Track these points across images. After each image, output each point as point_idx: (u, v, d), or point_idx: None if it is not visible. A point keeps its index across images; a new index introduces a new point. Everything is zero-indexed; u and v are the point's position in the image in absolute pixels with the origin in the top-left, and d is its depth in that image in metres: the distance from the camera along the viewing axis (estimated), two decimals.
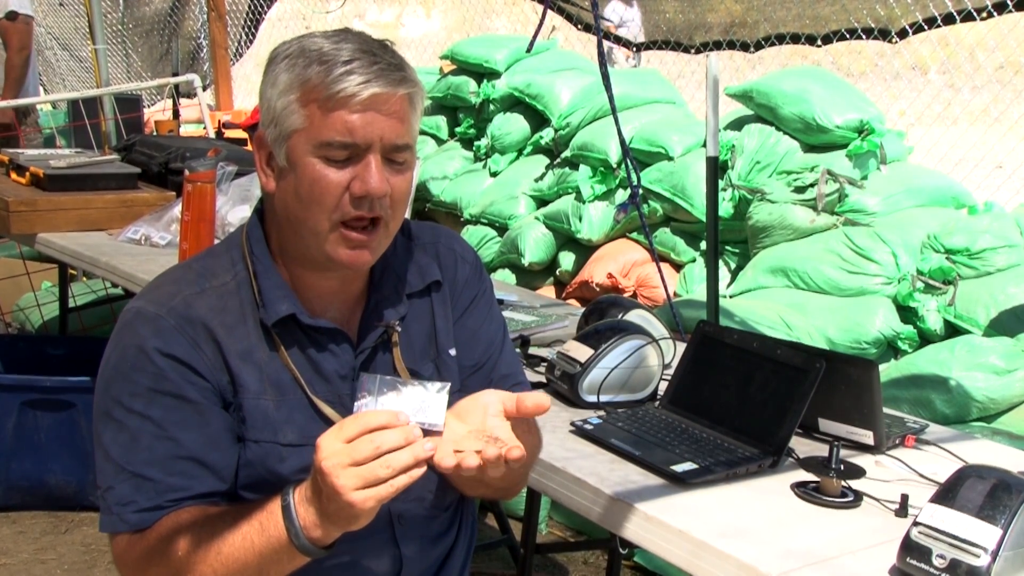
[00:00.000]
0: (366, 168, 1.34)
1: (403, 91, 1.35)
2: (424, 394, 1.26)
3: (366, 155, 1.34)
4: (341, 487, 1.16)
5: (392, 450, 1.17)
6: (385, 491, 1.17)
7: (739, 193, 3.99)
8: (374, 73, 1.32)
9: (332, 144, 1.33)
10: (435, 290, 1.55)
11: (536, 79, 4.94)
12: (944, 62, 6.94)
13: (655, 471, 1.69)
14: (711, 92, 2.75)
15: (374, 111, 1.32)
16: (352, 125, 1.32)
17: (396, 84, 1.34)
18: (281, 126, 1.36)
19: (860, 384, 1.82)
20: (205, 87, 7.10)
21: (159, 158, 3.85)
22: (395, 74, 1.34)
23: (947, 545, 1.34)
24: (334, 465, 1.17)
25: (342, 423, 1.20)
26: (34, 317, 5.09)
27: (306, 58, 1.34)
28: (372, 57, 1.33)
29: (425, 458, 1.19)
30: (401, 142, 1.36)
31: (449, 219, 5.14)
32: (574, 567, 3.39)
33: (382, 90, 1.32)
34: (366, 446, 1.17)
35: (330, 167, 1.34)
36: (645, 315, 2.28)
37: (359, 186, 1.34)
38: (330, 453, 1.18)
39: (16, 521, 3.61)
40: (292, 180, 1.37)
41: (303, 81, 1.33)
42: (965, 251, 3.45)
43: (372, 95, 1.32)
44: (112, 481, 1.36)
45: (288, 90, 1.34)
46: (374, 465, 1.16)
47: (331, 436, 1.19)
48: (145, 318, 1.38)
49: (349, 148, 1.33)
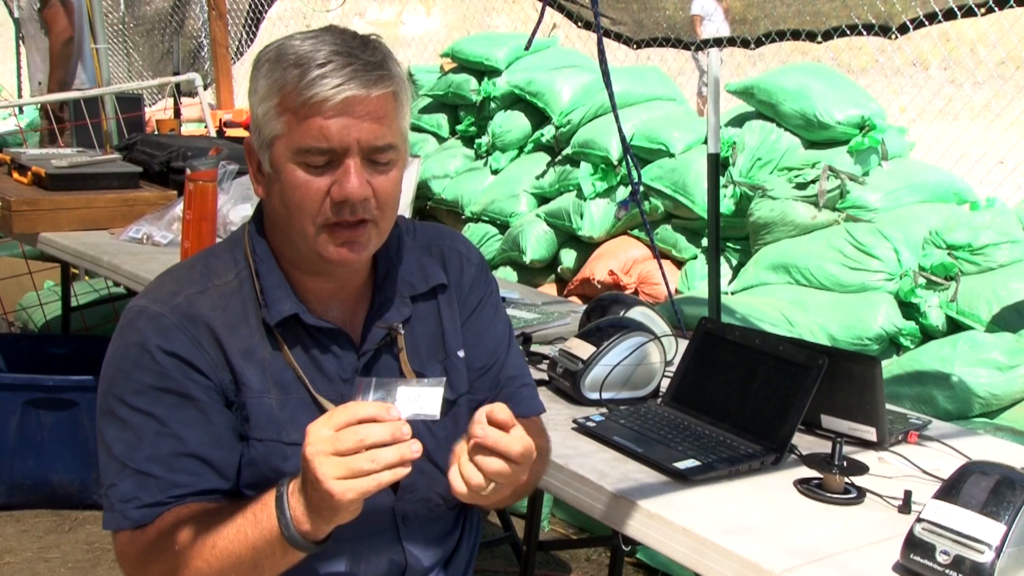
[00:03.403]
0: (345, 173, 1.32)
1: (379, 91, 1.32)
2: (419, 389, 1.25)
3: (344, 159, 1.32)
4: (322, 475, 1.16)
5: (377, 444, 1.17)
6: (368, 484, 1.17)
7: (740, 190, 4.00)
8: (347, 75, 1.30)
9: (310, 150, 1.32)
10: (441, 292, 1.55)
11: (537, 77, 4.94)
12: (945, 58, 6.93)
13: (658, 468, 1.69)
14: (712, 89, 2.75)
15: (348, 115, 1.30)
16: (327, 130, 1.30)
17: (371, 85, 1.31)
18: (263, 133, 1.36)
19: (862, 380, 1.81)
20: (206, 86, 7.09)
21: (160, 157, 3.85)
22: (371, 74, 1.31)
23: (951, 541, 1.34)
24: (316, 452, 1.17)
25: (332, 412, 1.21)
26: (36, 316, 5.10)
27: (283, 62, 1.32)
28: (347, 59, 1.31)
29: (412, 458, 1.18)
30: (381, 143, 1.34)
31: (450, 217, 5.15)
32: (577, 564, 3.39)
33: (356, 92, 1.30)
34: (350, 436, 1.17)
35: (310, 173, 1.33)
36: (647, 312, 2.28)
37: (338, 191, 1.33)
38: (315, 440, 1.18)
39: (20, 520, 3.62)
40: (278, 187, 1.37)
41: (280, 87, 1.32)
42: (967, 247, 3.45)
43: (345, 99, 1.30)
44: (115, 478, 1.36)
45: (267, 96, 1.34)
46: (359, 457, 1.16)
47: (319, 424, 1.19)
48: (147, 316, 1.38)
49: (327, 153, 1.32)
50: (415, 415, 1.23)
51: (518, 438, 1.23)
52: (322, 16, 9.01)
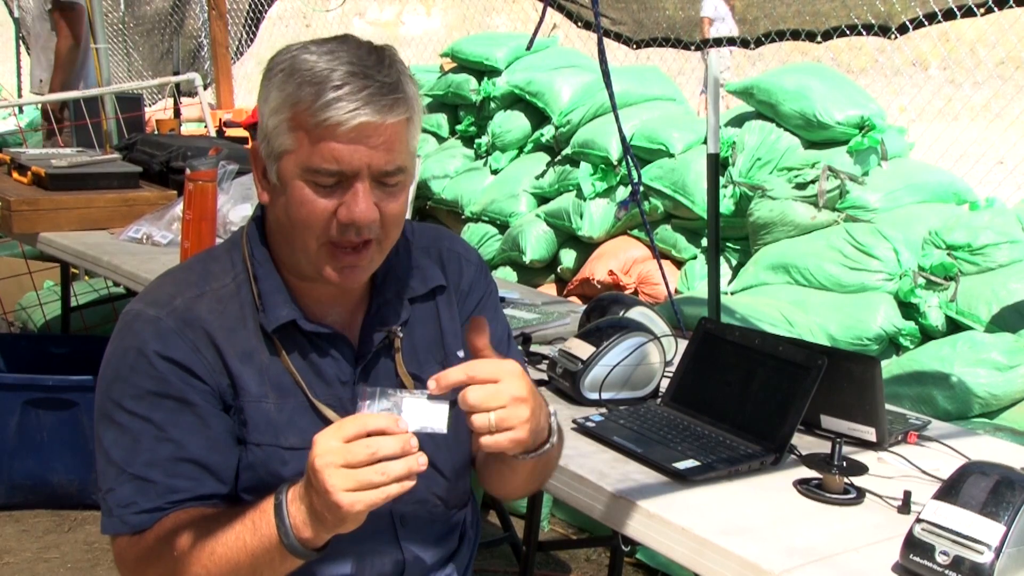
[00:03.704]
0: (353, 196, 1.32)
1: (393, 119, 1.30)
2: (425, 403, 1.25)
3: (353, 183, 1.32)
4: (331, 486, 1.16)
5: (388, 457, 1.17)
6: (376, 497, 1.16)
7: (740, 190, 3.99)
8: (363, 100, 1.28)
9: (319, 171, 1.31)
10: (440, 294, 1.54)
11: (537, 77, 4.94)
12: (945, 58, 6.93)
13: (657, 468, 1.69)
14: (711, 89, 2.75)
15: (361, 142, 1.29)
16: (339, 154, 1.29)
17: (386, 111, 1.30)
18: (272, 145, 1.35)
19: (862, 381, 1.82)
20: (206, 86, 7.09)
21: (160, 157, 3.85)
22: (386, 98, 1.30)
23: (950, 542, 1.34)
24: (327, 464, 1.16)
25: (341, 422, 1.20)
26: (36, 316, 5.10)
27: (298, 77, 1.31)
28: (363, 80, 1.29)
29: (419, 471, 1.18)
30: (391, 167, 1.33)
31: (450, 217, 5.14)
32: (576, 564, 3.39)
33: (370, 119, 1.28)
34: (361, 449, 1.16)
35: (318, 192, 1.32)
36: (646, 312, 2.28)
37: (345, 213, 1.32)
38: (324, 451, 1.17)
39: (19, 520, 3.62)
40: (283, 200, 1.36)
41: (294, 103, 1.31)
42: (966, 247, 3.45)
43: (360, 124, 1.28)
44: (113, 483, 1.36)
45: (279, 110, 1.32)
46: (368, 470, 1.16)
47: (328, 434, 1.19)
48: (145, 320, 1.38)
49: (336, 175, 1.31)
50: (422, 428, 1.23)
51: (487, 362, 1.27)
52: (322, 16, 9.00)
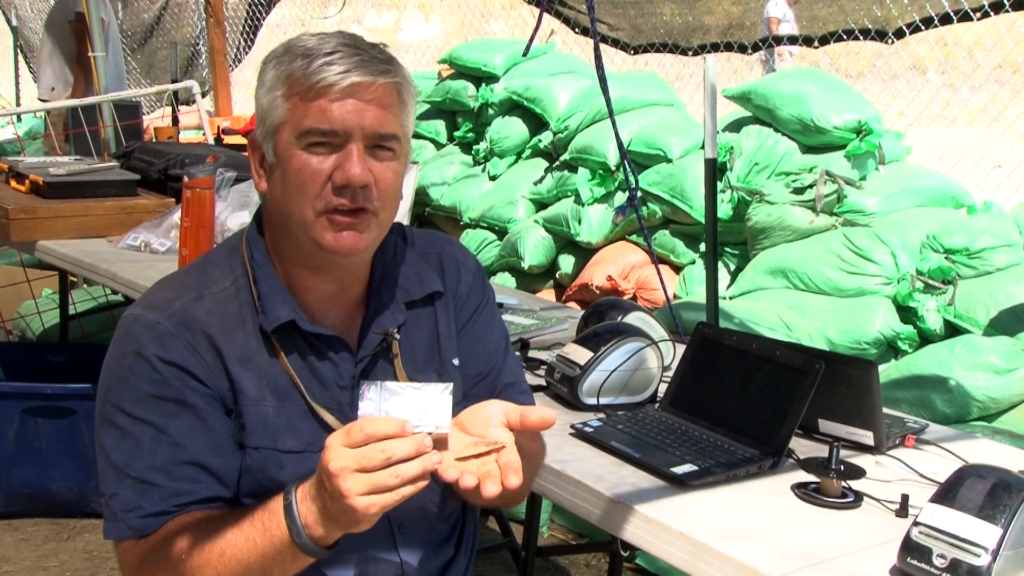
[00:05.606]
0: (347, 157, 1.34)
1: (384, 80, 1.35)
2: (427, 397, 1.25)
3: (347, 144, 1.35)
4: (347, 490, 1.16)
5: (403, 460, 1.17)
6: (391, 499, 1.17)
7: (738, 195, 4.00)
8: (354, 63, 1.33)
9: (312, 132, 1.34)
10: (437, 299, 1.55)
11: (534, 83, 4.94)
12: (942, 62, 6.94)
13: (655, 473, 1.69)
14: (709, 94, 2.76)
15: (354, 99, 1.33)
16: (331, 113, 1.33)
17: (377, 74, 1.35)
18: (267, 121, 1.38)
19: (860, 384, 1.82)
20: (204, 93, 7.11)
21: (158, 165, 3.85)
22: (378, 65, 1.35)
23: (947, 545, 1.34)
24: (342, 468, 1.17)
25: (350, 427, 1.20)
26: (35, 324, 5.09)
27: (291, 55, 1.36)
28: (355, 50, 1.35)
29: (433, 470, 1.19)
30: (385, 131, 1.36)
31: (448, 223, 5.15)
32: (576, 570, 3.39)
33: (362, 78, 1.33)
34: (377, 454, 1.17)
35: (312, 156, 1.35)
36: (644, 317, 2.28)
37: (340, 175, 1.34)
38: (338, 455, 1.18)
39: (18, 528, 3.61)
40: (279, 174, 1.38)
41: (287, 76, 1.35)
42: (964, 251, 3.45)
43: (352, 83, 1.33)
44: (115, 487, 1.36)
45: (274, 86, 1.37)
46: (383, 474, 1.17)
47: (340, 438, 1.19)
48: (144, 324, 1.38)
49: (329, 136, 1.34)
50: (429, 424, 1.23)
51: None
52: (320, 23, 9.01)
